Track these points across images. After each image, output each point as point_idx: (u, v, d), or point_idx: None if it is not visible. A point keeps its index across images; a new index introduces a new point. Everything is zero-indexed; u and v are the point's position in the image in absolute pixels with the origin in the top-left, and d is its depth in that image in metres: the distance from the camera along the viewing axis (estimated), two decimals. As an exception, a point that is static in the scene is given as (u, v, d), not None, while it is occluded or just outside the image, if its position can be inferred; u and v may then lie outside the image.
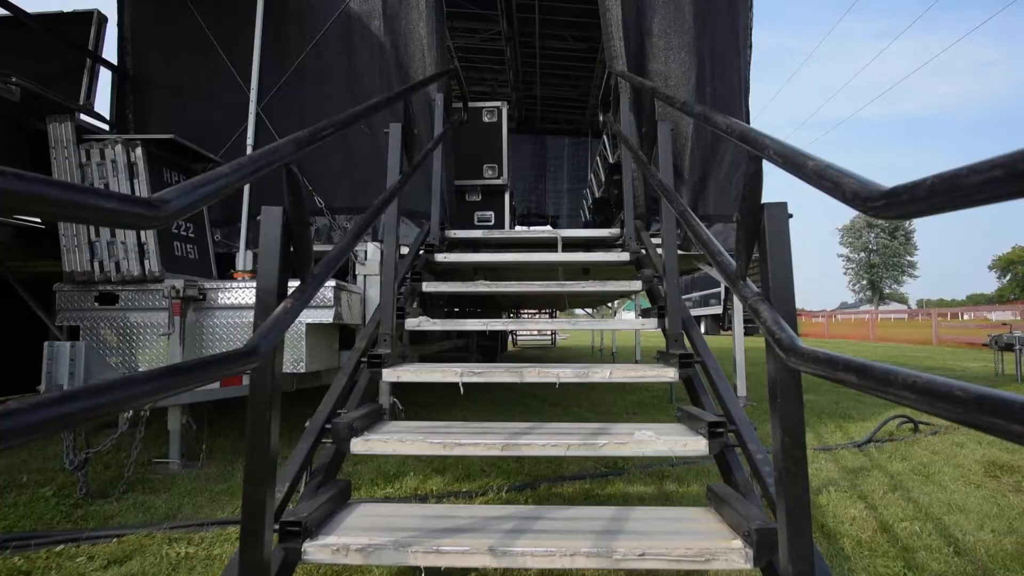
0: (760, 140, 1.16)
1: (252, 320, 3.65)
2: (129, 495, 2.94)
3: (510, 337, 15.11)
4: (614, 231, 3.76)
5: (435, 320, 2.60)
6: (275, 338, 1.10)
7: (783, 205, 1.26)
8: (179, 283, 3.44)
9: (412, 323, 2.58)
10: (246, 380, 3.75)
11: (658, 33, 4.08)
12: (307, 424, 1.90)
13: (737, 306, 4.29)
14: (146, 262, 3.65)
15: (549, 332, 19.75)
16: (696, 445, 1.79)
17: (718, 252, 1.46)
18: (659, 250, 3.31)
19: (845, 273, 68.63)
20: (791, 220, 1.33)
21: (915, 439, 4.29)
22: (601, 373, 2.16)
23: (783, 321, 1.13)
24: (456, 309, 8.27)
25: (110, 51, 4.45)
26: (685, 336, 2.37)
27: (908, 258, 65.34)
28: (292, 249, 1.34)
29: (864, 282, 66.73)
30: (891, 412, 5.62)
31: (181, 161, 3.98)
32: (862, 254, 66.61)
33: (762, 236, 1.27)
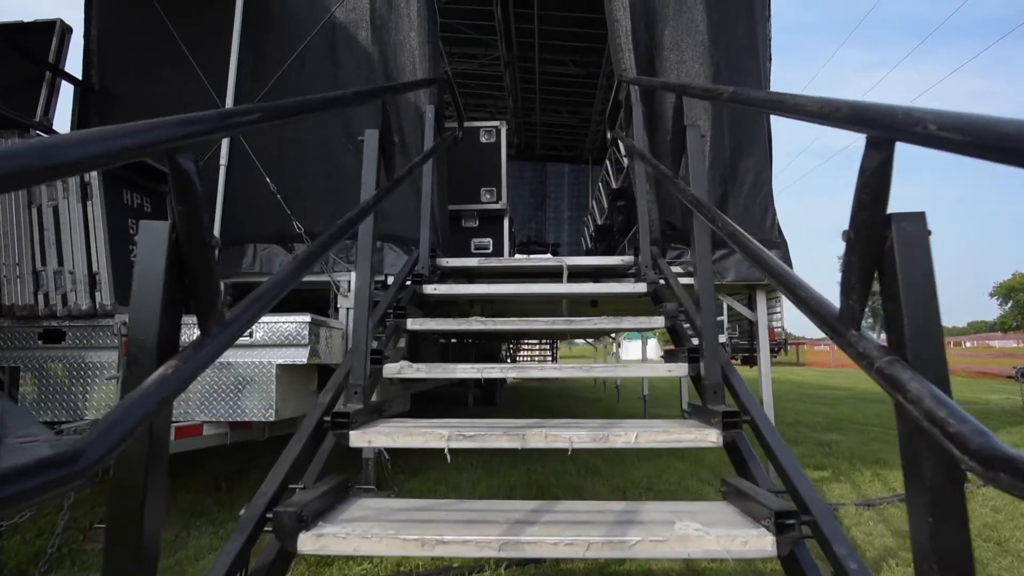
0: (900, 115, 0.75)
1: (226, 360, 3.19)
2: (52, 574, 2.45)
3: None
4: (627, 259, 3.34)
5: (419, 365, 2.15)
6: (123, 433, 0.67)
7: (920, 216, 0.84)
8: (131, 318, 3.01)
9: (391, 370, 2.13)
10: (208, 431, 3.28)
11: (669, 45, 3.75)
12: (243, 512, 1.44)
13: (763, 338, 3.85)
14: (97, 294, 3.23)
15: (550, 361, 19.20)
16: (759, 543, 1.34)
17: (799, 286, 1.04)
18: (681, 280, 2.90)
19: (846, 301, 67.89)
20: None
21: (969, 490, 3.80)
22: (624, 436, 1.71)
23: (951, 401, 0.69)
24: (453, 340, 7.83)
25: (75, 64, 4.12)
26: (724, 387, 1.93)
27: (909, 285, 64.81)
28: (188, 282, 0.91)
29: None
30: (929, 456, 5.13)
31: (145, 182, 3.58)
32: (863, 282, 66.18)
33: (888, 262, 0.84)
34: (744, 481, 1.66)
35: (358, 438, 1.75)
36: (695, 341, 2.37)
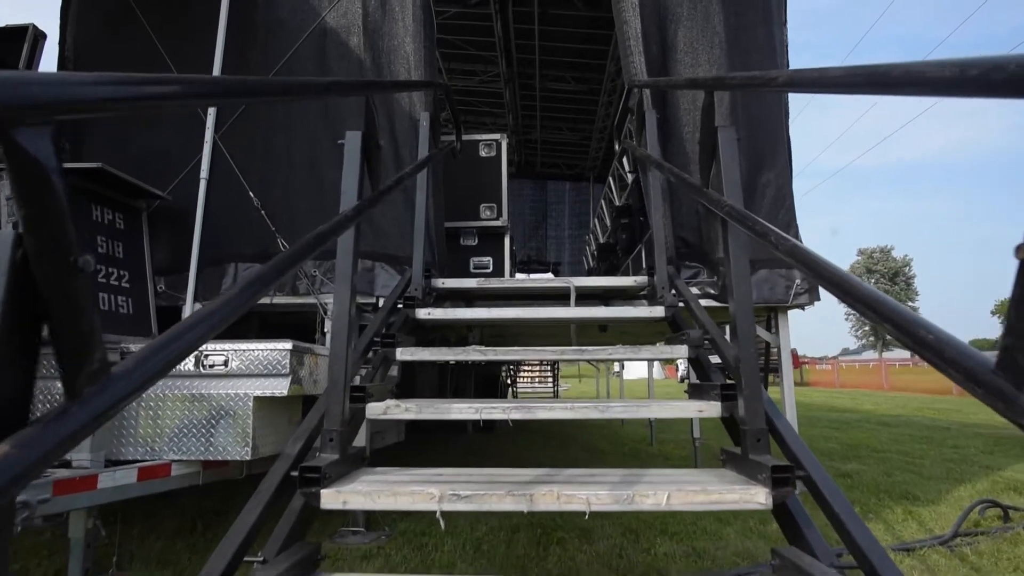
0: None
1: (198, 392, 2.89)
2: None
3: (510, 390, 14.17)
4: (640, 279, 3.06)
5: (409, 404, 1.85)
6: None
7: None
8: (92, 346, 2.71)
9: (376, 410, 1.84)
10: (177, 471, 2.97)
11: (683, 48, 3.51)
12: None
13: (787, 365, 3.55)
14: (58, 319, 2.94)
15: (550, 382, 18.79)
16: (842, 651, 1.03)
17: (923, 325, 0.75)
18: (702, 302, 2.61)
19: (847, 319, 67.75)
20: None
21: (1013, 532, 3.46)
22: (653, 497, 1.40)
23: None
24: (451, 363, 7.50)
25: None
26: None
27: (910, 303, 64.66)
28: (52, 322, 0.62)
29: (867, 327, 65.75)
30: (962, 489, 4.79)
31: (115, 196, 3.31)
32: (864, 300, 65.92)
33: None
34: (803, 554, 1.35)
35: (331, 498, 1.45)
36: (714, 364, 2.09)
